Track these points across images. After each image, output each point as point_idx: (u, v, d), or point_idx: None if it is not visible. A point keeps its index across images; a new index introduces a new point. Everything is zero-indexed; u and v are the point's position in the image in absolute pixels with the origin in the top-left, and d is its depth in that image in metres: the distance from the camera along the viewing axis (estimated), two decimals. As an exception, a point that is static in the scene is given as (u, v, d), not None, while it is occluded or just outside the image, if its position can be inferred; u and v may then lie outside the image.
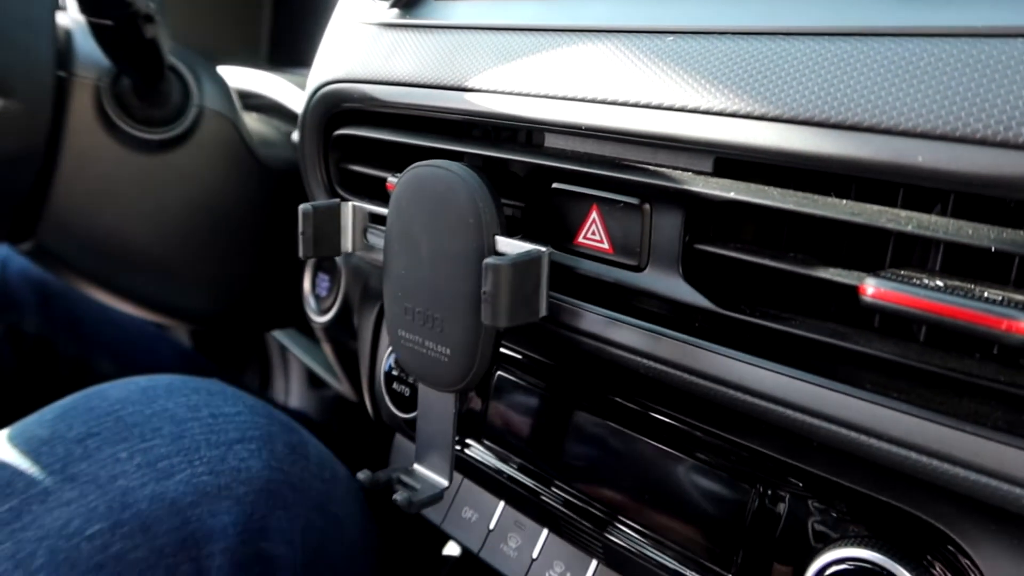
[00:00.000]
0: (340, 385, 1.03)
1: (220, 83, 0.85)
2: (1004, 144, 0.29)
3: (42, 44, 0.72)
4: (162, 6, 0.70)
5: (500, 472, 0.57)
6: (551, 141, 0.47)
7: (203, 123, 0.81)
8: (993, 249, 0.30)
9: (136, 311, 0.92)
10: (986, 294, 0.30)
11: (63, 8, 0.80)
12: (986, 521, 0.36)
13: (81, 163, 0.77)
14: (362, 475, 0.51)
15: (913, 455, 0.34)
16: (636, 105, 0.40)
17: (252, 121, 0.92)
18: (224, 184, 0.84)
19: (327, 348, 0.89)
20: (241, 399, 0.61)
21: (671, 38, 0.40)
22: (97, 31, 0.67)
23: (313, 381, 1.35)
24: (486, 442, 0.59)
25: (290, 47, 1.21)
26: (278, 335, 1.23)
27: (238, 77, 0.98)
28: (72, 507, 0.49)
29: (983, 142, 0.29)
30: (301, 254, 0.49)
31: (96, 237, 0.80)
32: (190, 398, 0.59)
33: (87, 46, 0.77)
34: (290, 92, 0.93)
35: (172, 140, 0.80)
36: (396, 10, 0.57)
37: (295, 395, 1.38)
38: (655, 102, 0.39)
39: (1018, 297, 0.30)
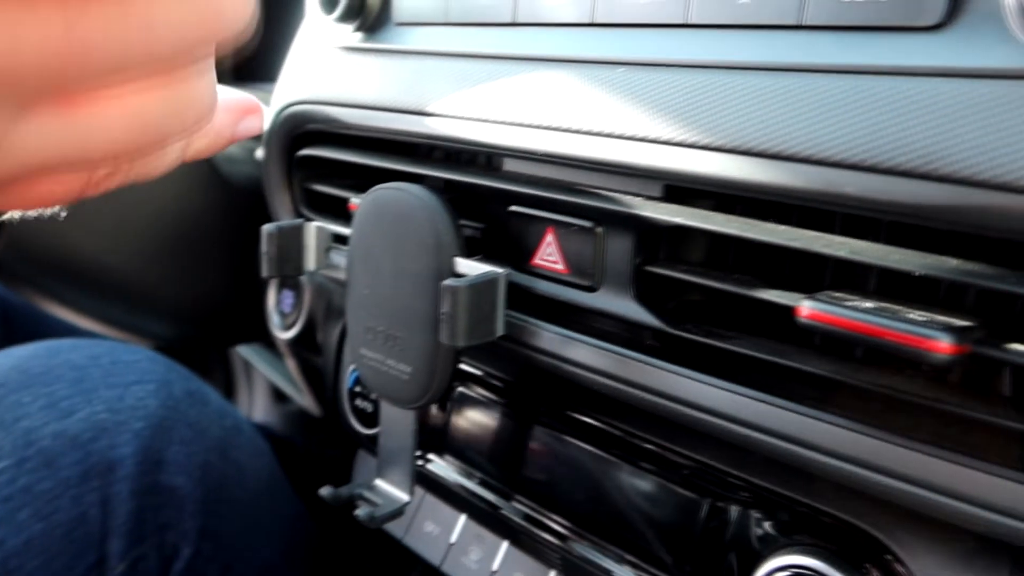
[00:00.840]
0: (304, 400, 1.03)
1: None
2: (925, 176, 0.31)
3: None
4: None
5: (461, 486, 0.58)
6: (509, 165, 0.49)
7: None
8: (917, 273, 0.32)
9: (99, 328, 0.91)
10: (911, 315, 0.32)
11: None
12: (919, 530, 0.38)
13: (42, 180, 0.76)
14: (324, 491, 0.52)
15: (847, 467, 0.35)
16: (589, 133, 0.42)
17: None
18: (187, 201, 0.85)
19: (291, 363, 0.89)
20: (141, 351, 0.64)
21: (622, 69, 0.42)
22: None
23: (277, 396, 1.35)
24: (448, 457, 0.60)
25: (255, 62, 1.22)
26: (242, 350, 1.22)
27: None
28: None
29: (907, 174, 0.31)
30: (264, 273, 0.50)
31: (55, 254, 0.79)
32: (92, 350, 0.61)
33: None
34: (255, 109, 0.93)
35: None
36: (360, 34, 0.58)
37: (259, 409, 1.38)
38: (607, 131, 0.41)
39: (940, 318, 0.32)
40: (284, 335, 0.85)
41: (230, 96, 0.35)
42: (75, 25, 0.18)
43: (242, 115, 0.35)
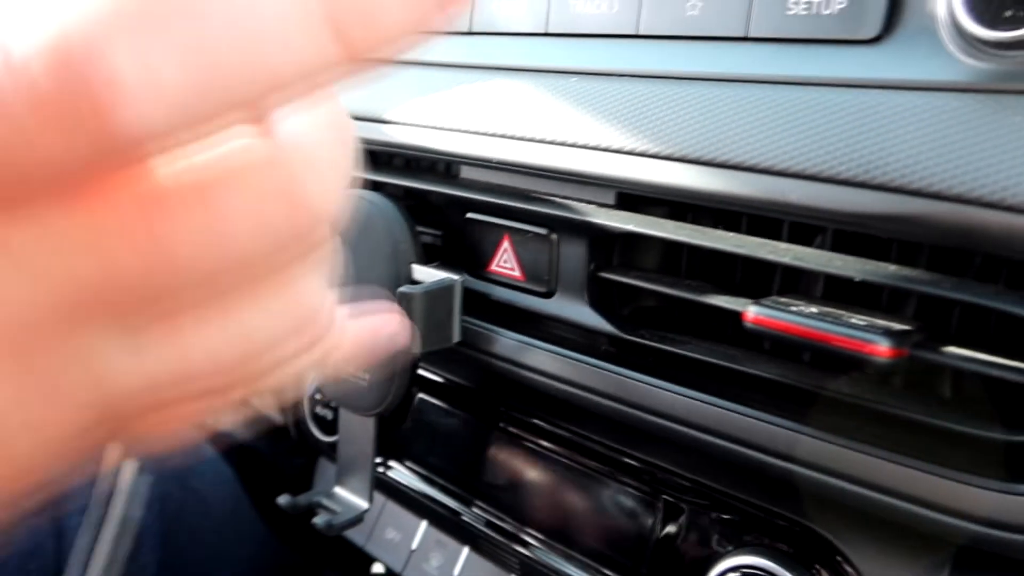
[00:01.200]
0: (265, 407, 1.02)
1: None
2: (863, 185, 0.32)
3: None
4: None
5: (422, 493, 0.58)
6: (466, 173, 0.49)
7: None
8: (857, 279, 0.33)
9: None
10: (853, 319, 0.33)
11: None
12: (867, 530, 0.39)
13: None
14: (282, 500, 0.51)
15: (795, 468, 0.36)
16: (543, 142, 0.42)
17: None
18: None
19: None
20: None
21: (575, 78, 0.42)
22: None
23: (241, 402, 1.33)
24: (408, 463, 0.60)
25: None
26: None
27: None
28: None
29: (846, 182, 0.32)
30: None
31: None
32: None
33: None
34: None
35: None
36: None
37: (222, 416, 1.36)
38: (560, 139, 0.41)
39: (881, 322, 0.33)
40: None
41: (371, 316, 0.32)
42: (162, 240, 0.17)
43: (381, 326, 0.31)
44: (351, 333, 0.28)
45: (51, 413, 0.19)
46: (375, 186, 0.51)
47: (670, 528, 0.45)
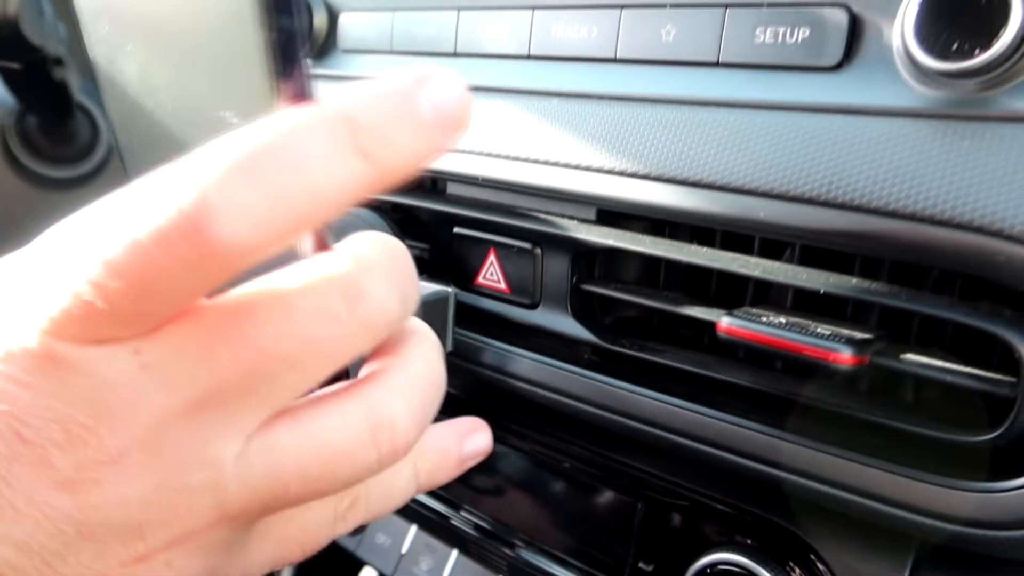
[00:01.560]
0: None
1: (130, 120, 0.86)
2: (826, 203, 0.34)
3: (-56, 83, 0.72)
4: (72, 47, 0.70)
5: (412, 498, 0.60)
6: (453, 189, 0.51)
7: (113, 160, 0.82)
8: (822, 291, 0.35)
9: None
10: (819, 329, 0.36)
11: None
12: (837, 528, 0.41)
13: (-15, 201, 0.76)
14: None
15: (767, 469, 0.38)
16: (527, 160, 0.44)
17: (163, 156, 0.93)
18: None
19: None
20: None
21: (556, 100, 0.45)
22: (3, 73, 0.68)
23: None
24: (398, 470, 0.61)
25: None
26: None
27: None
28: None
29: (810, 201, 0.34)
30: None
31: None
32: None
33: (-10, 84, 0.77)
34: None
35: (81, 177, 0.80)
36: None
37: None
38: (543, 158, 0.43)
39: (844, 332, 0.35)
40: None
41: (455, 424, 0.35)
42: (253, 340, 0.23)
43: (467, 433, 0.35)
44: (437, 443, 0.33)
45: (180, 506, 0.23)
46: (365, 201, 0.53)
47: (651, 528, 0.47)
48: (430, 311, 0.44)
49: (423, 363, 0.27)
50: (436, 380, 0.28)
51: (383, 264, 0.25)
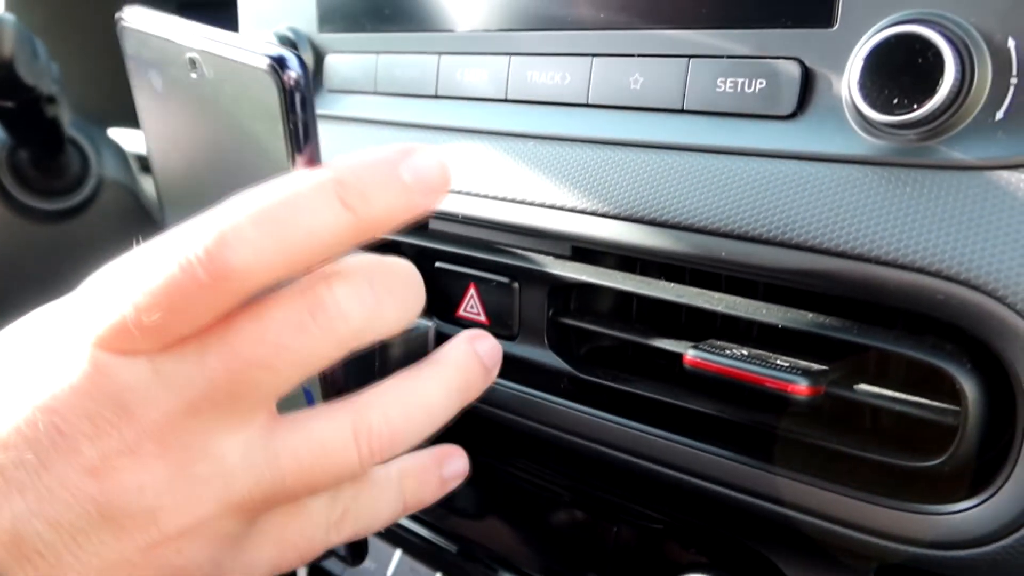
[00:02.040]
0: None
1: (119, 152, 0.88)
2: (781, 243, 0.36)
3: (-62, 119, 0.73)
4: (63, 84, 0.72)
5: (397, 523, 0.61)
6: (435, 225, 0.53)
7: (103, 192, 0.84)
8: (780, 325, 0.38)
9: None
10: (778, 361, 0.38)
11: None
12: (800, 548, 0.44)
13: (-24, 234, 0.78)
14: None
15: (734, 493, 0.41)
16: (504, 199, 0.46)
17: (151, 186, 0.94)
18: (125, 251, 0.86)
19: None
20: None
21: (532, 142, 0.47)
22: (-3, 110, 0.69)
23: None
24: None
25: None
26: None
27: (135, 140, 1.00)
28: None
29: (767, 241, 0.37)
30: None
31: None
32: None
33: (-17, 119, 0.78)
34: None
35: (71, 209, 0.82)
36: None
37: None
38: (520, 197, 0.46)
39: (802, 364, 0.38)
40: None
41: (434, 449, 0.38)
42: (263, 344, 0.28)
43: (446, 457, 0.38)
44: (420, 464, 0.37)
45: (190, 493, 0.27)
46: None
47: (625, 550, 0.49)
48: (411, 343, 0.46)
49: (412, 384, 0.32)
50: (421, 401, 0.32)
51: (352, 280, 0.29)
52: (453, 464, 0.38)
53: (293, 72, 0.29)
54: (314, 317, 0.28)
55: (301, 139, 0.30)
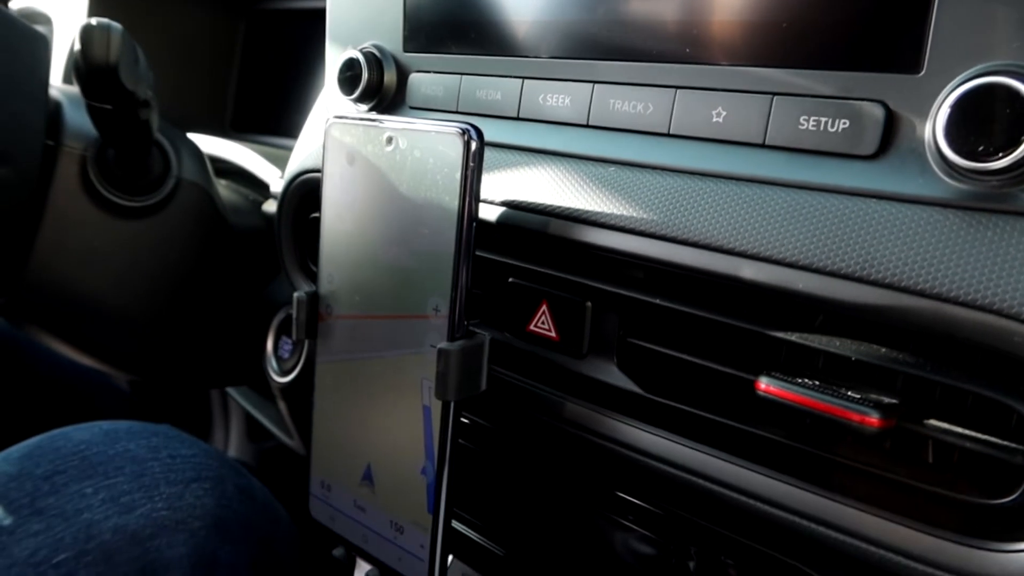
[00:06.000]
0: (292, 441, 1.07)
1: (197, 155, 0.91)
2: (860, 279, 0.38)
3: (35, 115, 0.77)
4: (157, 93, 0.76)
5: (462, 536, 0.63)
6: (510, 241, 0.55)
7: (180, 192, 0.87)
8: (853, 359, 0.39)
9: (101, 366, 0.95)
10: (850, 393, 0.39)
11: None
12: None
13: (63, 226, 0.82)
14: (337, 552, 0.56)
15: (794, 518, 0.42)
16: (583, 221, 0.48)
17: (223, 189, 0.98)
18: (197, 248, 0.90)
19: (283, 407, 0.94)
20: (196, 443, 0.66)
21: (613, 167, 0.49)
22: (94, 112, 0.73)
23: (251, 435, 1.38)
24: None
25: (251, 115, 1.29)
26: (230, 390, 1.26)
27: (210, 144, 1.04)
28: (39, 538, 0.53)
29: (845, 276, 0.38)
30: (295, 337, 0.55)
31: (70, 295, 0.84)
32: (150, 440, 0.63)
33: (76, 118, 0.82)
34: (258, 162, 1.00)
35: (151, 207, 0.85)
36: (375, 113, 0.65)
37: (234, 447, 1.41)
38: (599, 220, 0.48)
39: (874, 397, 0.39)
40: (281, 380, 0.90)
41: None
42: None
43: None
44: None
45: None
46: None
47: (678, 569, 0.50)
48: (468, 355, 0.48)
49: None
50: None
51: None
52: None
53: (474, 136, 0.43)
54: None
55: (473, 182, 0.43)
